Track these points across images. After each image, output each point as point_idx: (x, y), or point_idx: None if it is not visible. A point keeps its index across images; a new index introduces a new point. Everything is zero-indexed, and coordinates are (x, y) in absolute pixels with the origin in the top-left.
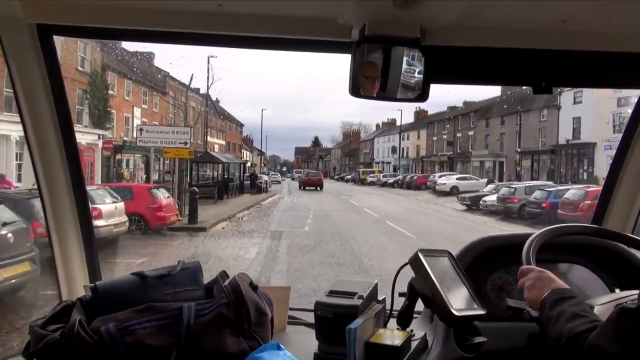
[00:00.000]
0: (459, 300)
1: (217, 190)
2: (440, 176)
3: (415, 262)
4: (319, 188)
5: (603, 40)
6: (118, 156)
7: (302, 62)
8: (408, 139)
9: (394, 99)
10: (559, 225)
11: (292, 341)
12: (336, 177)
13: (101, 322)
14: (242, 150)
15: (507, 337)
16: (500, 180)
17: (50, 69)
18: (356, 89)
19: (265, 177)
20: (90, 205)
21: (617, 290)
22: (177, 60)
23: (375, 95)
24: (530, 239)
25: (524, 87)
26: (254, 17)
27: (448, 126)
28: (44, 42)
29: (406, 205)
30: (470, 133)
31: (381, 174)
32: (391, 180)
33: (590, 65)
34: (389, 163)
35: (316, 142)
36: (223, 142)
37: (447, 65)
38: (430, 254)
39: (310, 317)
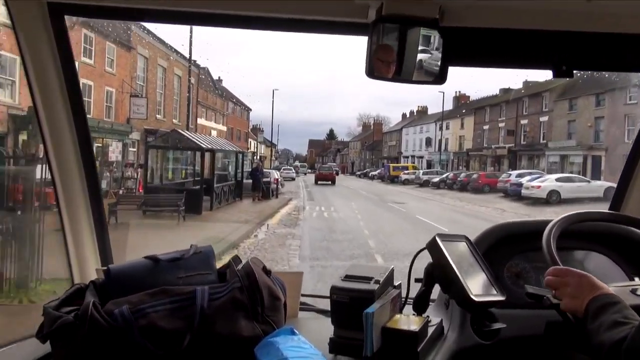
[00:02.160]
0: (477, 285)
1: (185, 197)
2: (520, 175)
3: (433, 246)
4: (331, 183)
5: (630, 21)
6: (22, 135)
7: (315, 55)
8: (447, 128)
9: (409, 81)
10: (577, 212)
11: (305, 327)
12: (358, 172)
13: (115, 305)
14: (249, 140)
15: (523, 324)
16: (595, 179)
17: (61, 49)
18: (372, 71)
19: (276, 174)
20: None
21: (636, 279)
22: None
23: (390, 77)
24: (549, 226)
25: None
26: None
27: (506, 111)
28: (55, 21)
29: None
30: (544, 119)
31: (420, 171)
32: (436, 179)
33: (616, 48)
34: (422, 157)
35: (331, 134)
36: (224, 128)
37: (466, 47)
38: (448, 239)
39: (321, 304)
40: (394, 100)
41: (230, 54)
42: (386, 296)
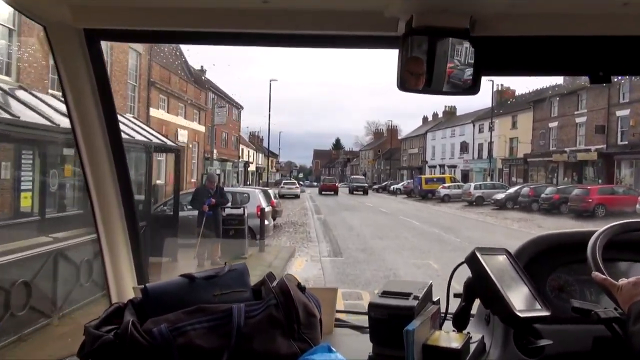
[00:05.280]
0: (520, 300)
1: None
2: None
3: (472, 260)
4: (334, 193)
5: None
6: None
7: (320, 68)
8: (492, 129)
9: (440, 92)
10: (623, 221)
11: (341, 343)
12: (376, 186)
13: (153, 324)
14: (241, 146)
15: (570, 340)
16: None
17: (97, 71)
18: (404, 84)
19: (260, 197)
20: None
21: None
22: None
23: (421, 89)
24: (595, 236)
25: None
26: (299, 13)
27: (587, 101)
28: (91, 47)
29: None
30: None
31: (470, 184)
32: (500, 195)
33: None
34: (454, 167)
35: (337, 144)
36: (201, 128)
37: (498, 56)
38: (488, 252)
39: (355, 319)
40: (404, 109)
41: (236, 68)
42: (425, 312)
